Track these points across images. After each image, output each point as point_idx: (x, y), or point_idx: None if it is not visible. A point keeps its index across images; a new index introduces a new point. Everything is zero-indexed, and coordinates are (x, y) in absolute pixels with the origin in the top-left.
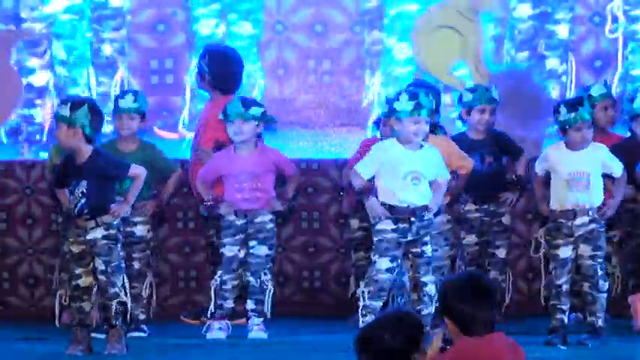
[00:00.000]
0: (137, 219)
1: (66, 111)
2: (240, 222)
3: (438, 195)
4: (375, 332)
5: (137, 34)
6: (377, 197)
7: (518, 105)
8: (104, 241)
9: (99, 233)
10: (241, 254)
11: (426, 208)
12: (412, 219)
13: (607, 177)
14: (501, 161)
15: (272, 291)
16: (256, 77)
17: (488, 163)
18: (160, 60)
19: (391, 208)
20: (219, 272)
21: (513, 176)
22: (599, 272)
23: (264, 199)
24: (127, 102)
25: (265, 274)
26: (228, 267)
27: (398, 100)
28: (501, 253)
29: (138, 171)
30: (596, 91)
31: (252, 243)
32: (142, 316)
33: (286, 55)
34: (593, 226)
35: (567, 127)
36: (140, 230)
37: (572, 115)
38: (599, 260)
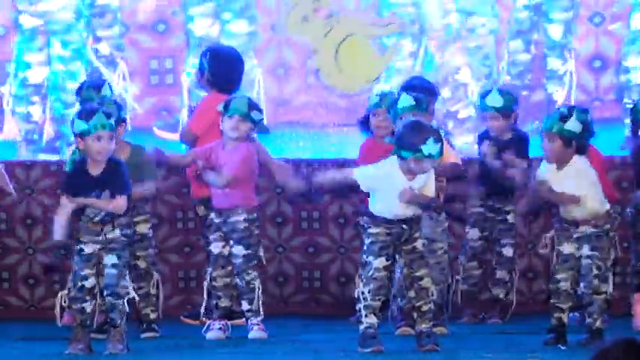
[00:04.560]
0: (137, 218)
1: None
2: (217, 220)
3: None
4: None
5: (137, 34)
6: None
7: None
8: (122, 238)
9: (117, 233)
10: (226, 252)
11: (417, 217)
12: (404, 226)
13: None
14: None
15: (260, 289)
16: (255, 73)
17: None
18: (160, 60)
19: (385, 220)
20: (209, 270)
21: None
22: (595, 272)
23: (238, 196)
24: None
25: (248, 274)
26: (216, 264)
27: (425, 144)
28: (508, 251)
29: (122, 202)
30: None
31: (231, 243)
32: (153, 316)
33: (286, 55)
34: (593, 230)
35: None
36: (141, 228)
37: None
38: (596, 261)
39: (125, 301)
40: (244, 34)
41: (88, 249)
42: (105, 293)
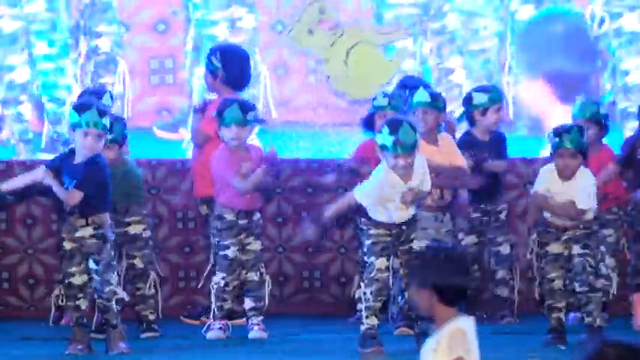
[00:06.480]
0: (130, 219)
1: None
2: (242, 222)
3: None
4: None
5: (137, 34)
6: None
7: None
8: (93, 240)
9: (87, 232)
10: (238, 255)
11: (414, 218)
12: (403, 227)
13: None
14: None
15: (270, 283)
16: (259, 69)
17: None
18: (160, 60)
19: (384, 223)
20: (221, 275)
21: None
22: (589, 269)
23: (258, 196)
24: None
25: (262, 266)
26: (230, 269)
27: (380, 132)
28: (505, 249)
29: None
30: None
31: (248, 240)
32: (152, 317)
33: (286, 55)
34: (582, 231)
35: (552, 151)
36: (134, 229)
37: (557, 140)
38: (588, 258)
39: (115, 301)
40: (252, 28)
41: (68, 245)
42: (96, 296)
